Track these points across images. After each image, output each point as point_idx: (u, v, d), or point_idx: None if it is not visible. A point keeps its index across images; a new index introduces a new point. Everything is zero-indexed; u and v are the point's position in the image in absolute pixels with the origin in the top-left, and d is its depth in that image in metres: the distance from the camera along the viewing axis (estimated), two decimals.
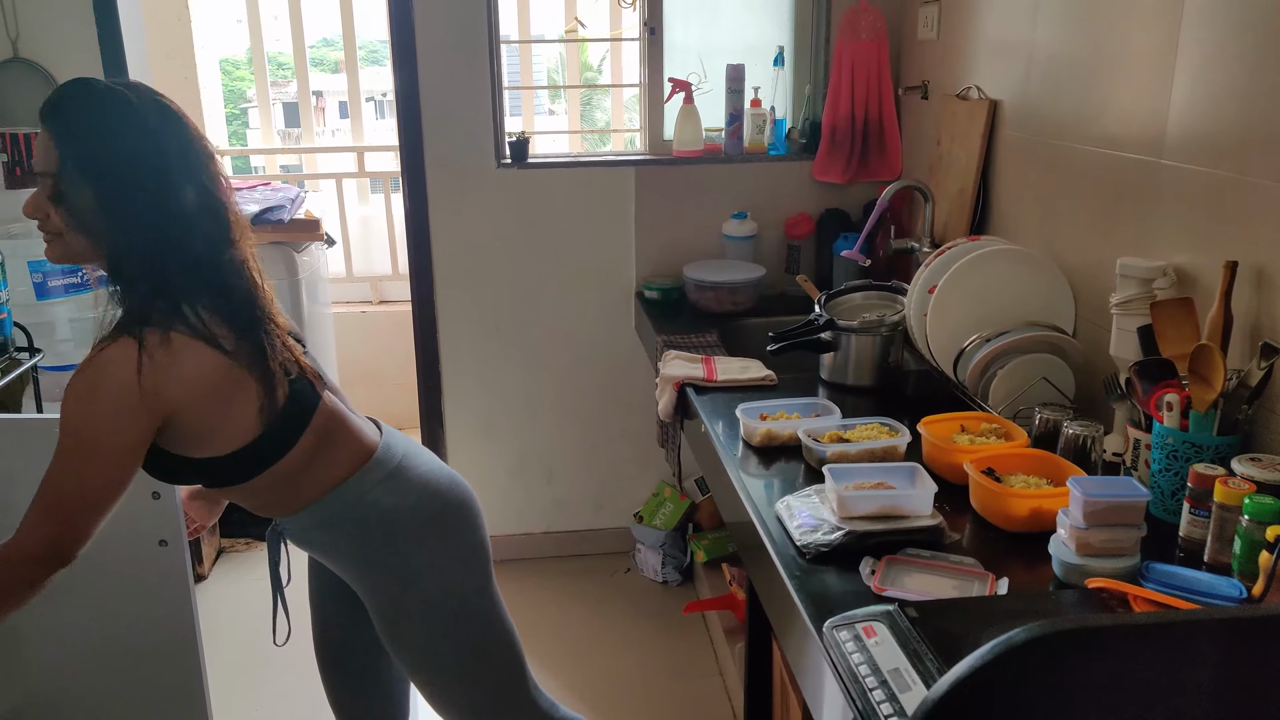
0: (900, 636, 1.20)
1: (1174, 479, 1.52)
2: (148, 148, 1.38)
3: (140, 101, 1.40)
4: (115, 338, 1.37)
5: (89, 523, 1.39)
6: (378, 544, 1.59)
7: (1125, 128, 1.87)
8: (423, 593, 1.62)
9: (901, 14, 2.92)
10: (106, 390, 1.35)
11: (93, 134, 1.37)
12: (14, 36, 2.74)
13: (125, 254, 1.39)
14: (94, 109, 1.38)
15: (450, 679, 1.69)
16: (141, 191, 1.37)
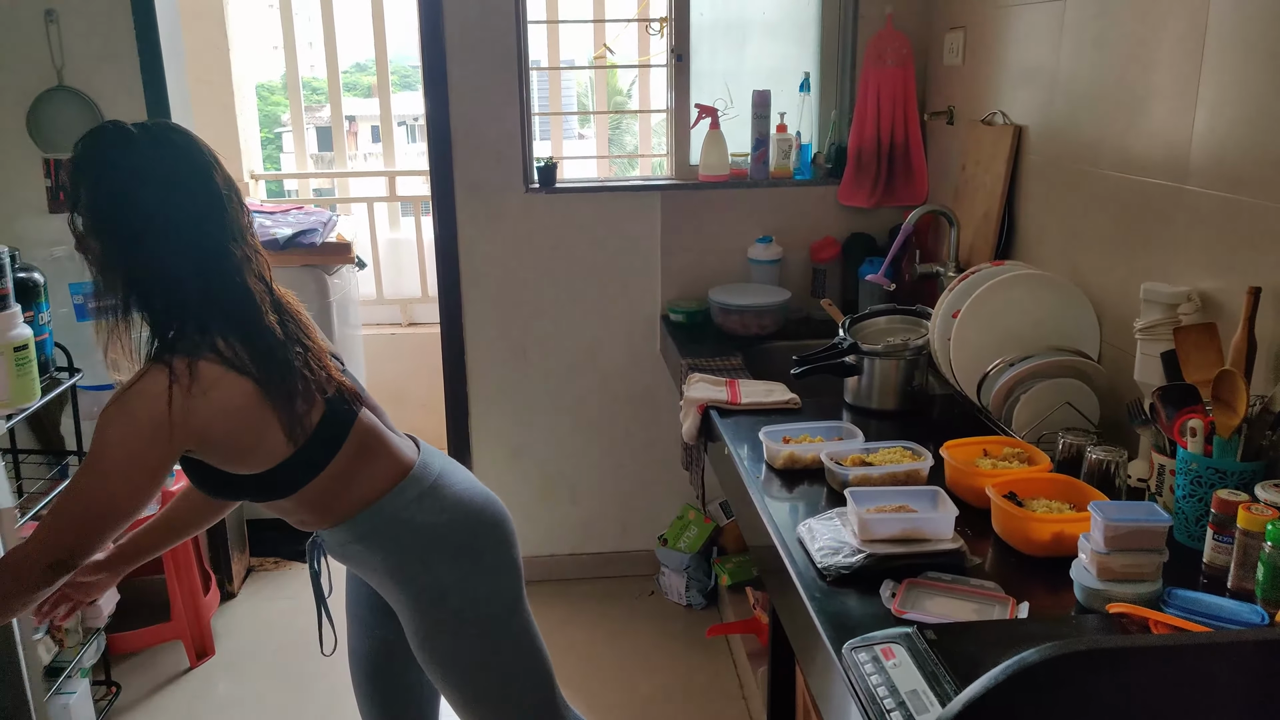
0: (919, 659, 1.20)
1: (1198, 505, 1.51)
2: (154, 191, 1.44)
3: (153, 143, 1.47)
4: (147, 368, 1.44)
5: (102, 537, 1.45)
6: (411, 560, 1.62)
7: (1149, 153, 1.88)
8: (454, 609, 1.64)
9: (927, 40, 2.94)
10: (137, 419, 1.41)
11: (96, 185, 1.45)
12: (59, 65, 2.81)
13: (146, 289, 1.46)
14: (108, 153, 1.46)
15: (480, 695, 1.70)
16: (150, 233, 1.44)
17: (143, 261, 1.45)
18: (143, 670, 2.91)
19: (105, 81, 2.85)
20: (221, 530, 3.24)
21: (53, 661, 2.42)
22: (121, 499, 1.43)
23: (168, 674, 2.90)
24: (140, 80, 2.85)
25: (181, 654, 2.95)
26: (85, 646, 2.54)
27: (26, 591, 1.44)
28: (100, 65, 2.84)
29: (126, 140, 1.46)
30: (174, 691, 2.83)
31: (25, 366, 2.20)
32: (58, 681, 2.42)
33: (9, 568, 1.43)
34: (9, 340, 2.15)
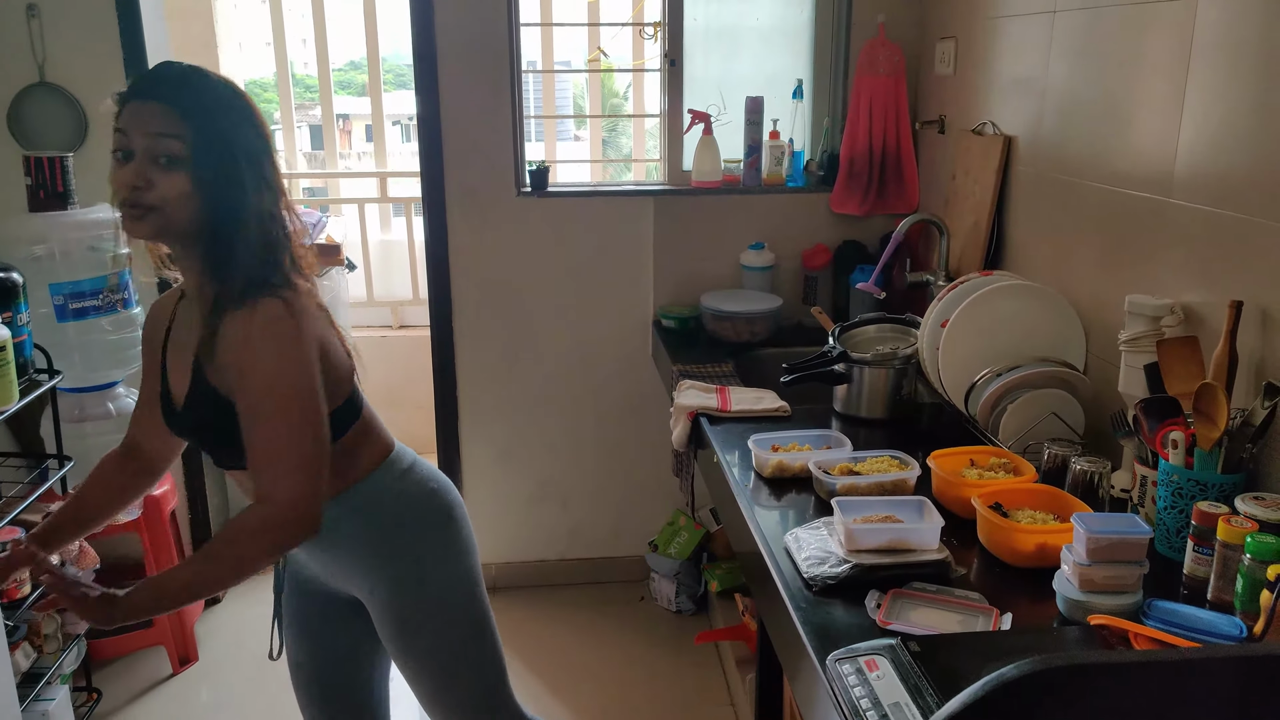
0: (902, 671, 1.21)
1: (1179, 516, 1.52)
2: (254, 136, 1.47)
3: (242, 95, 1.50)
4: (253, 302, 1.42)
5: (324, 474, 1.44)
6: (400, 533, 1.64)
7: (1135, 166, 1.89)
8: (435, 585, 1.67)
9: (919, 49, 2.95)
10: (286, 341, 1.42)
11: (220, 114, 1.43)
12: (40, 61, 2.79)
13: (240, 226, 1.45)
14: (216, 91, 1.45)
15: (450, 673, 1.72)
16: (253, 173, 1.46)
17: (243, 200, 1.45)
18: (124, 676, 2.90)
19: (87, 78, 2.83)
20: (206, 534, 3.23)
21: (31, 668, 2.40)
22: (319, 424, 1.44)
23: (150, 680, 2.89)
24: (124, 76, 2.84)
25: (164, 660, 2.93)
26: (65, 652, 2.53)
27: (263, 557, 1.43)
28: (82, 61, 2.82)
29: (216, 80, 1.48)
30: (156, 698, 2.82)
31: (3, 368, 2.19)
32: (36, 688, 2.40)
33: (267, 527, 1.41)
34: None
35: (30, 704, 2.38)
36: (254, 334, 1.41)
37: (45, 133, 2.85)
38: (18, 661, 2.33)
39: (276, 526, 1.41)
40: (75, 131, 2.85)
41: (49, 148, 2.83)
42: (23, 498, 2.43)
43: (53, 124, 2.84)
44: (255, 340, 1.41)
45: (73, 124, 2.85)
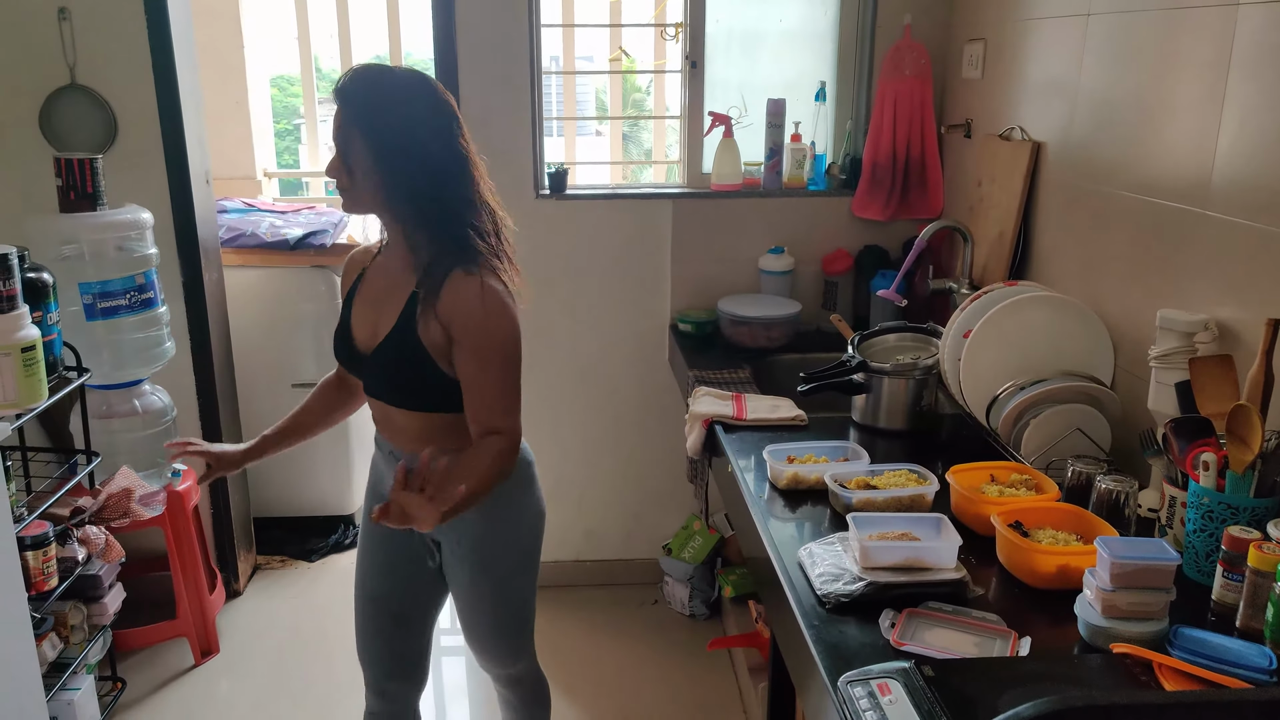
0: (915, 696, 1.19)
1: (1209, 540, 1.49)
2: (432, 121, 1.69)
3: (421, 85, 1.71)
4: (474, 270, 1.69)
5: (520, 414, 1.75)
6: (506, 491, 1.82)
7: (1170, 176, 1.85)
8: (518, 534, 1.92)
9: (946, 51, 2.91)
10: (508, 306, 1.71)
11: (390, 108, 1.66)
12: (71, 63, 2.81)
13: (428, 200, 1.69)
14: (387, 87, 1.67)
15: (506, 608, 1.96)
16: (431, 153, 1.68)
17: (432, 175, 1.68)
18: (147, 667, 2.92)
19: (117, 79, 2.85)
20: (228, 528, 3.24)
21: (58, 658, 2.43)
22: (518, 374, 1.75)
23: (172, 671, 2.91)
24: (152, 77, 2.85)
25: (186, 651, 2.96)
26: (91, 643, 2.55)
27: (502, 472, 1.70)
28: (112, 63, 2.84)
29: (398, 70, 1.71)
30: (178, 688, 2.84)
31: (33, 367, 2.20)
32: (63, 677, 2.42)
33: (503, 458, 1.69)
34: (16, 341, 2.14)
35: (56, 693, 2.41)
36: (486, 300, 1.68)
37: (75, 134, 2.86)
38: (44, 652, 2.35)
39: (509, 452, 1.71)
40: (105, 133, 2.87)
41: (79, 149, 2.85)
42: (52, 492, 2.46)
43: (83, 125, 2.85)
44: (488, 305, 1.68)
45: (102, 126, 2.86)
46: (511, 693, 2.12)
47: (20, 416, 2.26)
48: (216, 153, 3.46)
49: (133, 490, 2.67)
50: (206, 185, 3.07)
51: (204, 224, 3.04)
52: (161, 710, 2.74)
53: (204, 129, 3.04)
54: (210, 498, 3.20)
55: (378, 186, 1.67)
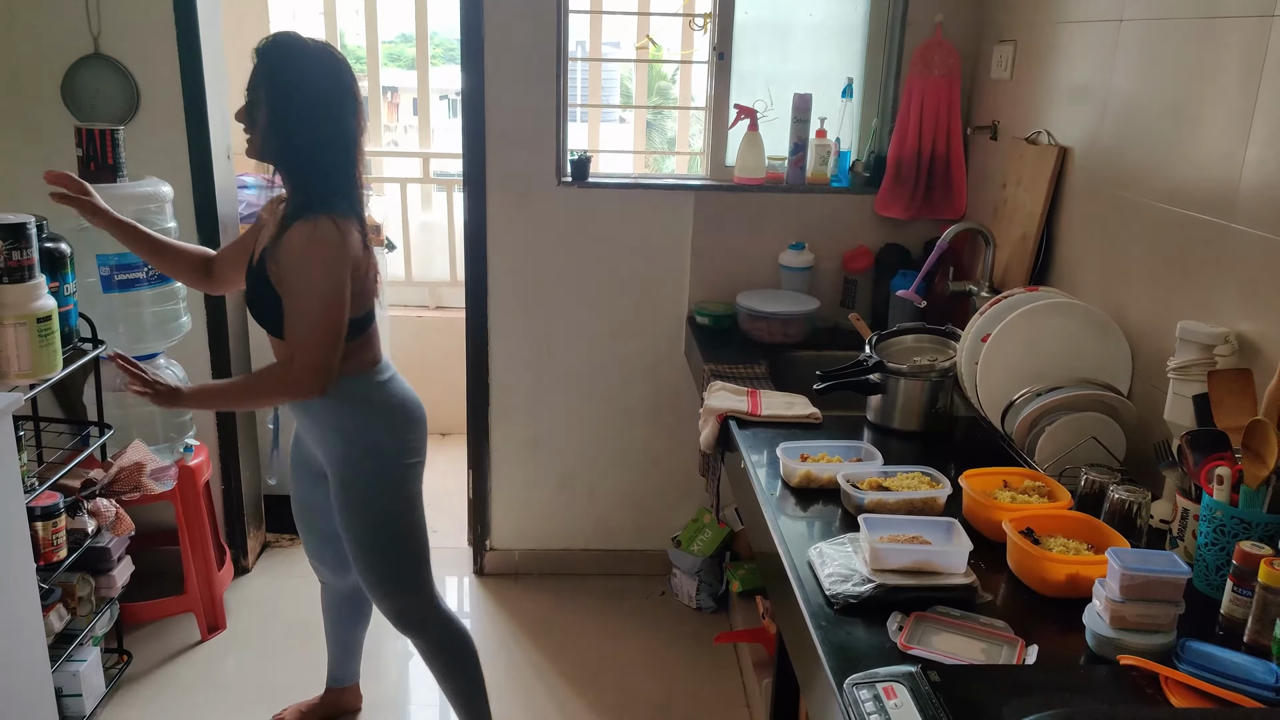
0: (920, 701, 1.18)
1: (1220, 554, 1.47)
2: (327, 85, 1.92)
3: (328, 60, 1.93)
4: (314, 219, 1.89)
5: (337, 353, 1.95)
6: (361, 423, 2.10)
7: (1196, 186, 1.82)
8: (377, 470, 2.12)
9: (976, 51, 2.88)
10: (331, 248, 1.90)
11: (293, 67, 1.90)
12: (96, 33, 2.81)
13: (308, 163, 1.93)
14: (296, 50, 1.91)
15: (371, 540, 2.15)
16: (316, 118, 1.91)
17: (309, 137, 1.91)
18: (154, 641, 2.94)
19: (141, 50, 2.84)
20: (238, 505, 3.26)
21: (65, 629, 2.45)
22: (339, 315, 1.93)
23: (178, 645, 2.93)
24: (176, 49, 2.85)
25: (193, 626, 2.97)
26: (98, 615, 2.57)
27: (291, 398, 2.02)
28: (137, 33, 2.83)
29: (306, 43, 1.93)
30: (184, 663, 2.86)
31: (48, 337, 2.21)
32: (69, 648, 2.44)
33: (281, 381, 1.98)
34: (32, 311, 2.16)
35: (62, 664, 2.43)
36: (307, 246, 1.88)
37: (98, 104, 2.86)
38: (52, 622, 2.37)
39: (291, 383, 1.96)
40: (127, 104, 2.87)
41: (101, 119, 2.85)
42: (64, 463, 2.48)
43: (105, 96, 2.85)
44: (308, 251, 1.88)
45: (125, 96, 2.86)
46: (413, 641, 2.28)
47: (34, 387, 2.27)
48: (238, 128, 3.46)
49: (144, 464, 2.69)
50: (228, 160, 3.08)
51: (224, 199, 3.05)
52: (167, 684, 2.76)
53: (227, 103, 3.04)
54: (221, 475, 3.21)
55: (269, 139, 1.92)
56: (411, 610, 2.23)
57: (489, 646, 3.00)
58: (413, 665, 2.91)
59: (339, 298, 1.92)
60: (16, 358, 2.19)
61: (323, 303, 1.91)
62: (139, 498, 2.67)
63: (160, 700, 2.69)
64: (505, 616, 3.15)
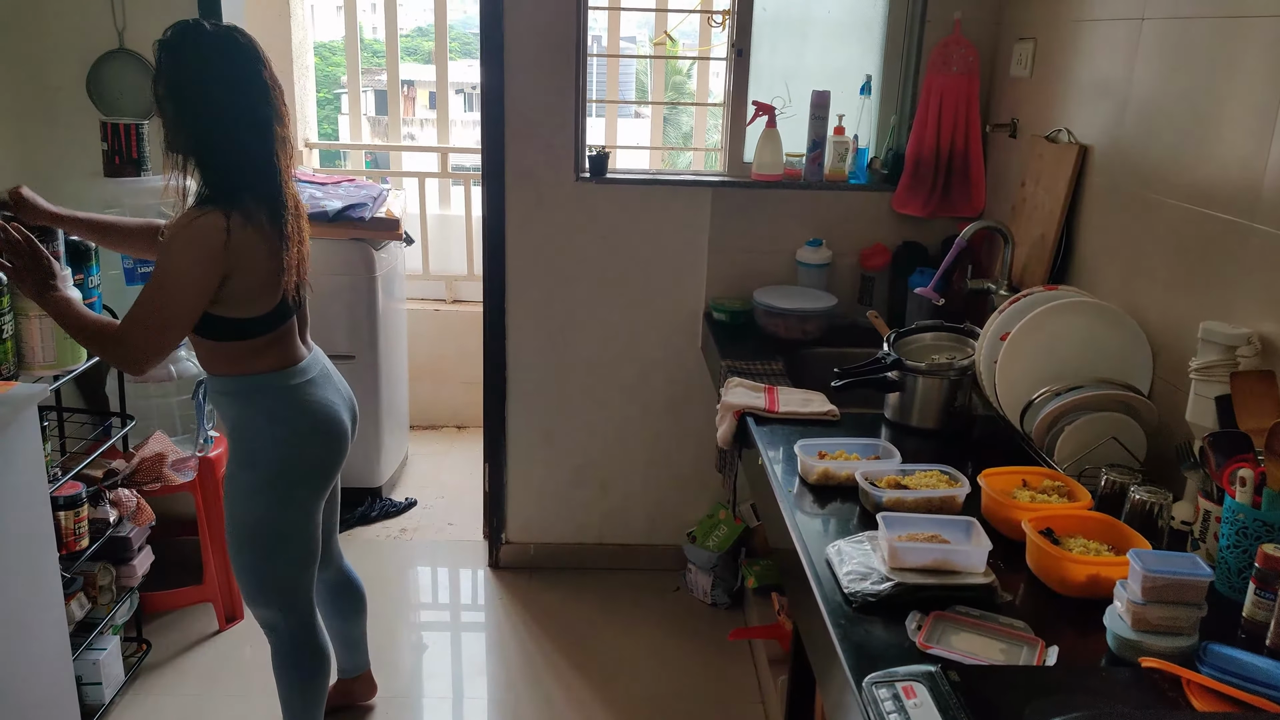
0: (940, 700, 1.18)
1: (1242, 556, 1.47)
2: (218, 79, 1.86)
3: (223, 36, 1.88)
4: (205, 211, 1.84)
5: (166, 341, 1.88)
6: (254, 424, 2.04)
7: (1219, 186, 1.82)
8: (256, 472, 2.05)
9: (995, 49, 2.87)
10: (201, 243, 1.83)
11: (188, 59, 1.85)
12: (121, 28, 2.83)
13: (209, 150, 1.88)
14: (191, 40, 1.86)
15: (238, 537, 2.10)
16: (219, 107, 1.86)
17: (208, 127, 1.86)
18: (173, 630, 2.96)
19: None
20: None
21: (85, 617, 2.48)
22: (179, 308, 1.86)
23: (196, 635, 2.95)
24: None
25: (211, 616, 3.00)
26: (118, 604, 2.60)
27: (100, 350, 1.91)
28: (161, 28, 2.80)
29: (203, 30, 1.89)
30: (202, 652, 2.88)
31: None
32: (90, 636, 2.47)
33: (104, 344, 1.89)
34: None
35: (83, 652, 2.46)
36: (184, 228, 1.84)
37: (123, 99, 2.88)
38: (72, 611, 2.40)
39: (111, 347, 1.89)
40: (151, 99, 2.87)
41: (126, 114, 2.87)
42: (86, 453, 2.50)
43: (130, 91, 2.87)
44: (181, 233, 1.84)
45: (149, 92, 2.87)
46: (266, 637, 2.24)
47: (58, 378, 2.29)
48: None
49: (165, 455, 2.71)
50: None
51: None
52: (185, 673, 2.78)
53: None
54: None
55: (176, 131, 1.89)
56: (265, 617, 2.21)
57: (504, 639, 3.01)
58: (426, 657, 2.93)
59: (188, 288, 1.85)
60: (41, 349, 2.22)
61: (169, 284, 1.84)
62: (160, 488, 2.70)
63: (178, 689, 2.71)
64: (520, 610, 3.16)
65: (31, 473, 1.96)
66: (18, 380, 2.14)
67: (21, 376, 2.20)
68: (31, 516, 1.97)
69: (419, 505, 3.83)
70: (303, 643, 2.23)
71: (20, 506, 1.91)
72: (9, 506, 1.88)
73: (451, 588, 3.37)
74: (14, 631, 1.90)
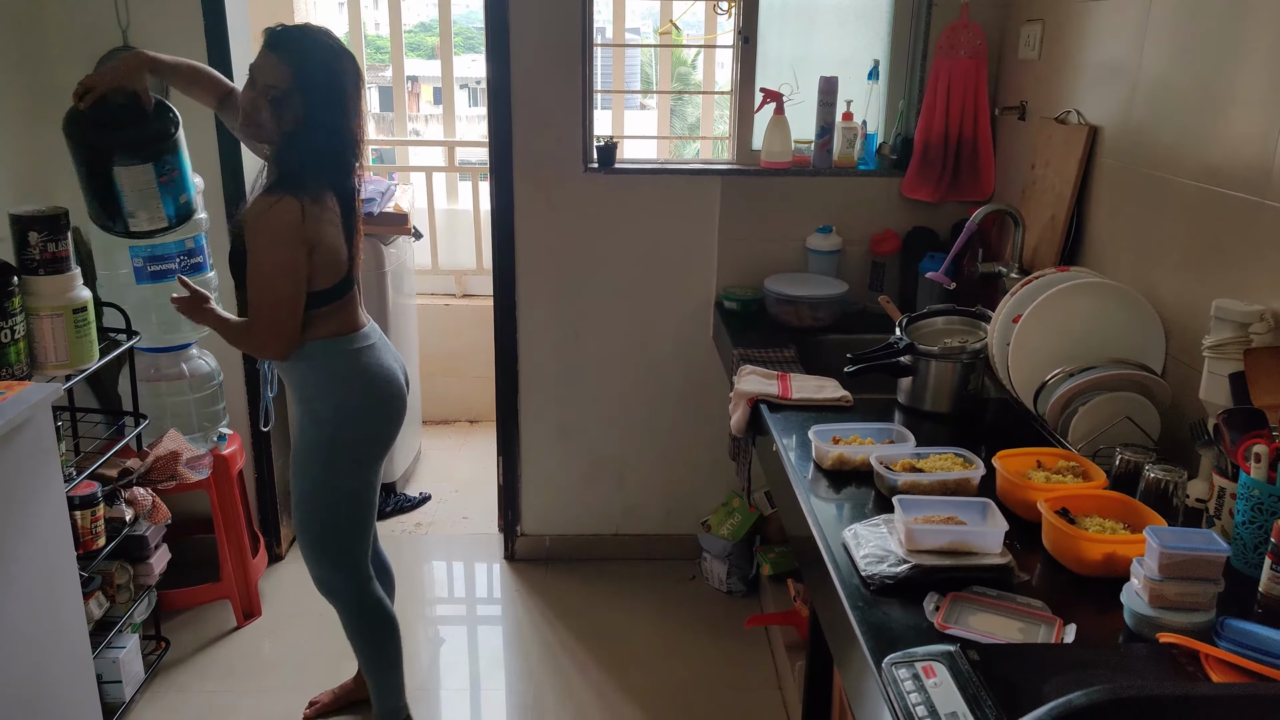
0: (960, 679, 1.18)
1: (1258, 532, 1.47)
2: (338, 82, 2.04)
3: (338, 48, 2.07)
4: (280, 196, 2.00)
5: (285, 322, 2.07)
6: (327, 385, 2.18)
7: (1230, 164, 1.81)
8: (325, 436, 2.19)
9: (1003, 31, 2.86)
10: (283, 226, 2.00)
11: (311, 63, 2.01)
12: (125, 25, 2.83)
13: (301, 144, 2.03)
14: (313, 46, 2.02)
15: (309, 510, 2.23)
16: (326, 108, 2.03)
17: (327, 127, 2.04)
18: (191, 627, 2.98)
19: (169, 42, 2.84)
20: (271, 493, 3.29)
21: (104, 616, 2.49)
22: (284, 287, 2.05)
23: (215, 632, 2.97)
24: (204, 41, 2.86)
25: (229, 613, 3.02)
26: (137, 602, 2.61)
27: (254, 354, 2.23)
28: (165, 26, 2.85)
29: (329, 35, 2.08)
30: (220, 649, 2.90)
31: (84, 328, 2.24)
32: (109, 636, 2.49)
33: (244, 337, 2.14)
34: (68, 301, 2.19)
35: (102, 651, 2.48)
36: (261, 219, 2.01)
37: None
38: (91, 610, 2.41)
39: (249, 340, 2.14)
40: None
41: None
42: (100, 452, 2.51)
43: None
44: (260, 224, 2.02)
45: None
46: (332, 605, 2.37)
47: (70, 378, 2.30)
48: None
49: (180, 453, 2.72)
50: None
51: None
52: (204, 670, 2.80)
53: None
54: (254, 464, 3.25)
55: (290, 126, 2.02)
56: (327, 580, 2.33)
57: (521, 630, 3.02)
58: (444, 651, 2.94)
59: (286, 270, 2.03)
60: (54, 348, 2.23)
61: (269, 273, 2.03)
62: (175, 486, 2.71)
63: (198, 686, 2.73)
64: (537, 601, 3.17)
65: (48, 473, 1.97)
66: (31, 380, 2.15)
67: (35, 377, 2.21)
68: (48, 516, 1.98)
69: (434, 500, 3.84)
70: (374, 602, 2.36)
71: (37, 506, 1.93)
72: (26, 507, 1.89)
73: (467, 581, 3.38)
74: (35, 631, 1.92)
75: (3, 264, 2.12)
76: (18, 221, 2.16)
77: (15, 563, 1.83)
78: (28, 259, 2.17)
